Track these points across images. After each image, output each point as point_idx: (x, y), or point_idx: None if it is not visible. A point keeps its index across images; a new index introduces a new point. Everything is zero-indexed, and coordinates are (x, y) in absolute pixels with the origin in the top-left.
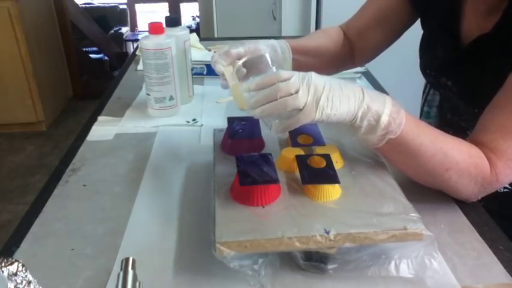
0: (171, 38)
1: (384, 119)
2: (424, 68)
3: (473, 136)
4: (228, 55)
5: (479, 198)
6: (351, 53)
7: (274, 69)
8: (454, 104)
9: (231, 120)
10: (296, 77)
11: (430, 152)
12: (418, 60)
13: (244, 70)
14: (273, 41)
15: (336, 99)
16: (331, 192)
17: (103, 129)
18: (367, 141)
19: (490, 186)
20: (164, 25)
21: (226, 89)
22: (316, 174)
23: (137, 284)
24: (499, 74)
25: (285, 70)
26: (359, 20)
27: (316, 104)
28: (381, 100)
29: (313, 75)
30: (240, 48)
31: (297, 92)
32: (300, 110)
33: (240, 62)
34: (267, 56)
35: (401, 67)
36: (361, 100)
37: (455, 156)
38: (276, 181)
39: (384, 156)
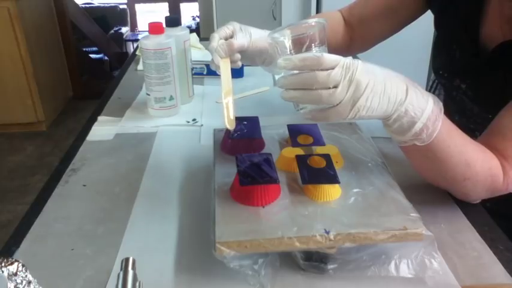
0: (171, 38)
1: (418, 126)
2: (437, 68)
3: (485, 139)
4: (230, 47)
5: None
6: (348, 42)
7: (317, 50)
8: (464, 106)
9: None
10: (339, 68)
11: (454, 162)
12: (420, 59)
13: (240, 64)
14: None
15: (375, 100)
16: (331, 192)
17: (103, 129)
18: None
19: (498, 193)
20: (164, 25)
21: (216, 69)
22: (316, 174)
23: (137, 284)
24: None
25: (331, 54)
26: (365, 7)
27: (353, 104)
28: (421, 104)
29: (359, 67)
30: (244, 40)
31: (335, 87)
32: (333, 106)
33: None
34: (286, 41)
35: (403, 66)
36: (401, 103)
37: (477, 168)
38: (276, 181)
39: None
